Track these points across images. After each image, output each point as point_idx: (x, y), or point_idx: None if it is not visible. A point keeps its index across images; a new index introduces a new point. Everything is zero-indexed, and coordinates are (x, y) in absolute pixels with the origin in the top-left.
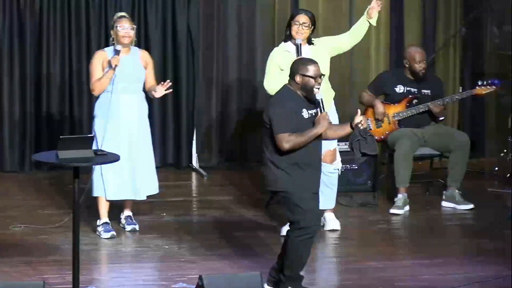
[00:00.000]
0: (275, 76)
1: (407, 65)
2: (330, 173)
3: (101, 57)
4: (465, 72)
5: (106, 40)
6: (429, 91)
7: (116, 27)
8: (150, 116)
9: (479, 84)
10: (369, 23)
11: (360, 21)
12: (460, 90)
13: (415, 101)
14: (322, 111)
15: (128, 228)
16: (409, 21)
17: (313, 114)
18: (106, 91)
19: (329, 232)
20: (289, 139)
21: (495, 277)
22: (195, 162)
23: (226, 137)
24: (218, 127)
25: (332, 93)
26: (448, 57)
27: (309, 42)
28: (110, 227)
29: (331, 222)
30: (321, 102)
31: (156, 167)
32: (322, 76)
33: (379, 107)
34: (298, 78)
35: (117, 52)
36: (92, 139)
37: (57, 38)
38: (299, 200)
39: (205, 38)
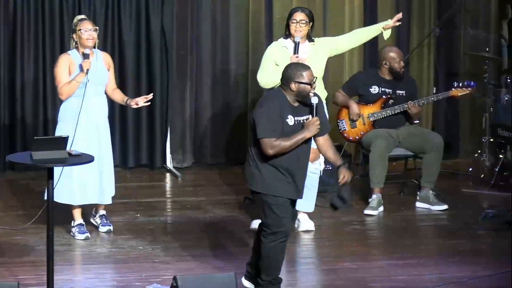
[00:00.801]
0: (269, 70)
1: (386, 66)
2: (311, 173)
3: (67, 61)
4: (439, 72)
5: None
6: (403, 92)
7: (80, 30)
8: (124, 116)
9: (455, 85)
10: (382, 32)
11: (374, 27)
12: (434, 91)
13: (391, 101)
14: (314, 116)
15: (103, 229)
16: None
17: (300, 121)
18: (75, 95)
19: (303, 233)
20: (274, 144)
21: (470, 277)
22: (169, 163)
23: (200, 137)
24: (192, 127)
25: (325, 93)
26: (422, 58)
27: (310, 39)
28: (85, 228)
29: (306, 223)
30: (315, 107)
31: (130, 168)
32: (315, 79)
33: (354, 107)
34: (293, 86)
35: (86, 56)
36: (66, 140)
37: (31, 39)
38: (274, 205)
39: (179, 38)
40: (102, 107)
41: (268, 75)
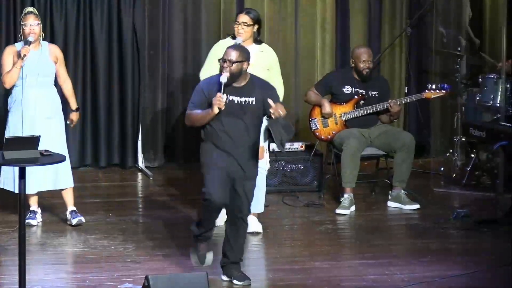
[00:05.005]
0: (211, 68)
1: (353, 65)
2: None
3: (11, 52)
4: (411, 72)
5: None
6: (376, 92)
7: (23, 24)
8: (95, 116)
9: (429, 88)
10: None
11: None
12: (406, 90)
13: (362, 102)
14: (219, 92)
15: (74, 221)
16: (354, 21)
17: (235, 102)
18: (17, 85)
19: (250, 235)
20: (186, 114)
21: (441, 277)
22: (140, 162)
23: (171, 137)
24: (164, 127)
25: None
26: (394, 57)
27: (257, 41)
28: (35, 215)
29: (253, 224)
30: (222, 85)
31: (102, 167)
32: (229, 62)
33: (327, 106)
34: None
35: (27, 42)
36: (38, 139)
37: (2, 38)
38: (205, 175)
39: (151, 37)
40: (48, 99)
41: (211, 73)
